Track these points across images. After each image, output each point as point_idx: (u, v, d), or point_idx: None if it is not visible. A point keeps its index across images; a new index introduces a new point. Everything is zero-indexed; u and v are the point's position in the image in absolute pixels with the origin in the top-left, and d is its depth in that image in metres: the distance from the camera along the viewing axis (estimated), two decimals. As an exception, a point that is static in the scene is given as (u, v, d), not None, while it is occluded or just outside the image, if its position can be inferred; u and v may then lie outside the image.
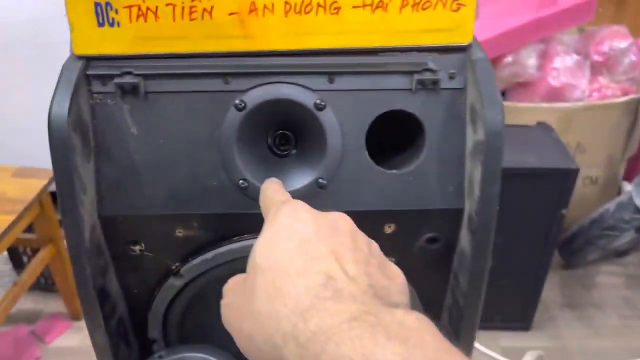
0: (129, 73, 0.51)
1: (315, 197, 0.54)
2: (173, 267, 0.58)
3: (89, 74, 0.51)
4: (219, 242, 0.56)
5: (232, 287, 0.42)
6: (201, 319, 0.62)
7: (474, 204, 0.52)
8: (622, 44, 1.88)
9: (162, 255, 0.57)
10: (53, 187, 1.52)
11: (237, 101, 0.52)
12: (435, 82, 0.52)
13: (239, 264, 0.57)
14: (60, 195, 0.49)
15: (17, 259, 1.75)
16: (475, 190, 0.52)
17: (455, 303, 0.59)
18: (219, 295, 0.61)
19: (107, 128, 0.52)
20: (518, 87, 1.94)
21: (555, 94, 1.88)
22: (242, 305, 0.37)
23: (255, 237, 0.55)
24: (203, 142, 0.53)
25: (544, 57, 1.91)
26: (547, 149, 1.47)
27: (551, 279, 1.86)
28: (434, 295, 0.62)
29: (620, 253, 1.91)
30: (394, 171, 0.54)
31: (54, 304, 1.79)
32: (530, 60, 1.88)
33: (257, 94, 0.52)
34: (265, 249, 0.38)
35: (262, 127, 0.54)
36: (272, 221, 0.40)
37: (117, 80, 0.51)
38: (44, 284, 1.84)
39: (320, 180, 0.53)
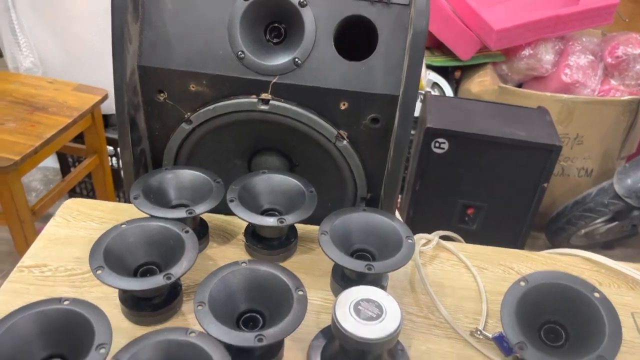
0: (172, -37, 0.72)
1: (291, 71, 0.74)
2: (185, 116, 0.79)
3: (144, -39, 0.73)
4: (220, 99, 0.77)
5: None
6: (202, 160, 0.84)
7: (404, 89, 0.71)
8: (636, 50, 2.00)
9: (179, 104, 0.78)
10: (106, 108, 1.78)
11: (244, -7, 0.73)
12: (387, -3, 0.72)
13: (233, 117, 0.78)
14: (114, 40, 0.71)
15: (65, 167, 2.01)
16: (404, 78, 0.71)
17: (387, 172, 0.78)
18: (217, 141, 0.82)
19: (151, 1, 0.74)
20: (533, 81, 2.09)
21: (566, 90, 2.01)
22: None
23: (248, 98, 0.76)
24: (216, 21, 0.74)
25: (561, 55, 2.04)
26: (538, 127, 1.62)
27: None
28: (376, 169, 0.81)
29: (606, 244, 2.03)
30: (352, 62, 0.74)
31: (91, 212, 2.06)
32: (547, 56, 2.02)
33: (259, -10, 0.73)
34: None
35: (261, 16, 0.74)
36: None
37: (163, -33, 0.72)
38: (86, 195, 2.11)
39: (296, 60, 0.74)
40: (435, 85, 1.93)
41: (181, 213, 0.68)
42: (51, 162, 2.12)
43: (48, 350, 0.53)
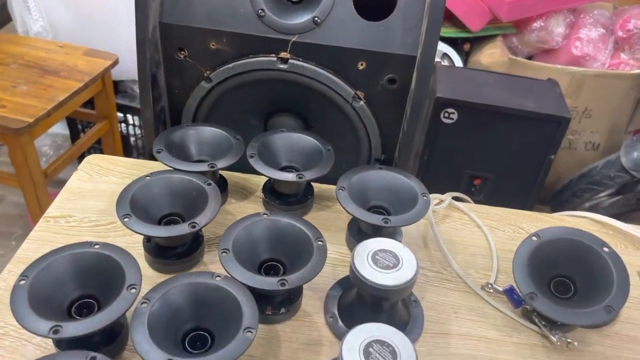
0: None
1: (310, 30, 0.75)
2: (205, 74, 0.80)
3: None
4: (239, 57, 0.78)
5: None
6: (220, 119, 0.85)
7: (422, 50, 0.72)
8: (647, 24, 1.99)
9: (198, 62, 0.79)
10: (115, 74, 1.78)
11: (265, -48, 0.73)
12: (407, -43, 0.72)
13: (252, 76, 0.79)
14: (137, -4, 0.72)
15: (75, 133, 2.03)
16: (422, 39, 0.72)
17: (403, 133, 0.80)
18: (235, 101, 0.84)
19: (174, -41, 0.75)
20: (543, 53, 2.08)
21: (576, 63, 2.01)
22: None
23: (267, 57, 0.77)
24: (238, -21, 0.75)
25: (572, 27, 2.03)
26: (547, 99, 1.63)
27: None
28: (392, 131, 0.83)
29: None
30: (370, 22, 0.75)
31: (100, 178, 2.08)
32: (558, 28, 2.01)
33: (281, -52, 0.73)
34: None
35: (281, -25, 0.75)
36: None
37: None
38: (95, 161, 2.12)
39: (316, 19, 0.75)
40: (445, 55, 1.93)
41: (203, 167, 0.69)
42: (60, 128, 2.13)
43: (80, 290, 0.55)
